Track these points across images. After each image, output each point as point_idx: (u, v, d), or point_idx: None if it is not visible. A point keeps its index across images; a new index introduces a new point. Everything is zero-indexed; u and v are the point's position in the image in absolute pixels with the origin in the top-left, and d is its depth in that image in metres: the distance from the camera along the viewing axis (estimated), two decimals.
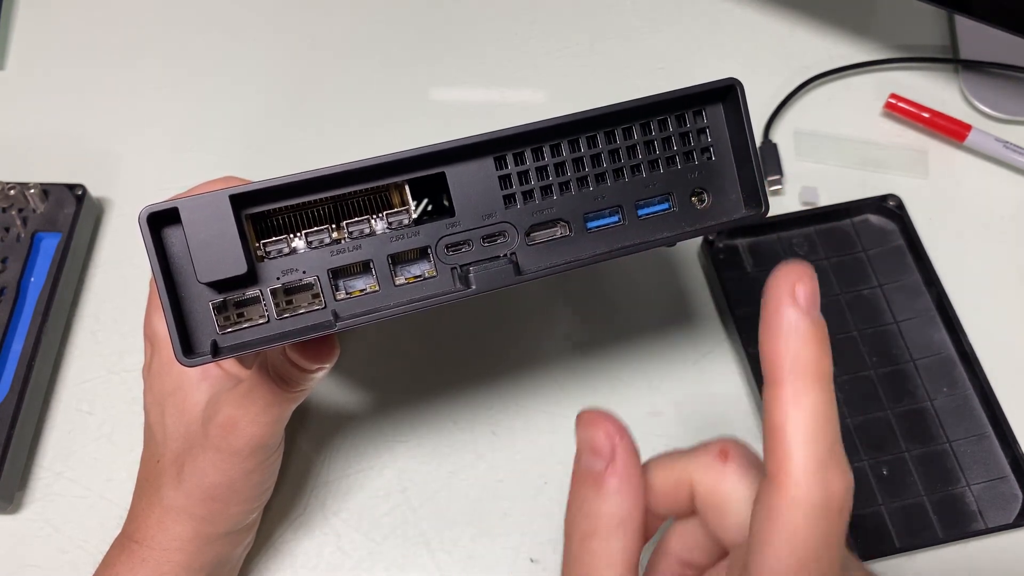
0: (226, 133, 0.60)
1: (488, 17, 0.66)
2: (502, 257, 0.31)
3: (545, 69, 0.63)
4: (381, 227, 0.30)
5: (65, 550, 0.46)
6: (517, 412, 0.50)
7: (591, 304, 0.54)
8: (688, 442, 0.49)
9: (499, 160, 0.31)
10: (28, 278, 0.52)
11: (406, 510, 0.48)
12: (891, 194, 0.55)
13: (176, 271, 0.29)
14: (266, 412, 0.37)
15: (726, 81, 0.31)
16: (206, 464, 0.38)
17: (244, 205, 0.29)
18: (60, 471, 0.49)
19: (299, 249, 0.30)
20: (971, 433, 0.49)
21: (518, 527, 0.47)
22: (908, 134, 0.60)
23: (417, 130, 0.60)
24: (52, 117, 0.61)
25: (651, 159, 0.32)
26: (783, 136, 0.60)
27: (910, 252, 0.54)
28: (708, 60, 0.63)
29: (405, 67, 0.63)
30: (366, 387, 0.51)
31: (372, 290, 0.30)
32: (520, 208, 0.31)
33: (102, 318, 0.53)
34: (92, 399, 0.51)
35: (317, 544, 0.47)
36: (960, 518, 0.46)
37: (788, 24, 0.65)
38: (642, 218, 0.32)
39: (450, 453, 0.49)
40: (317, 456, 0.49)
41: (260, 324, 0.30)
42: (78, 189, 0.54)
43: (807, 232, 0.55)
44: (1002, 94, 0.61)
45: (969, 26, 0.63)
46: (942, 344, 0.51)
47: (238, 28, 0.65)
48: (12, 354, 0.49)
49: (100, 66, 0.63)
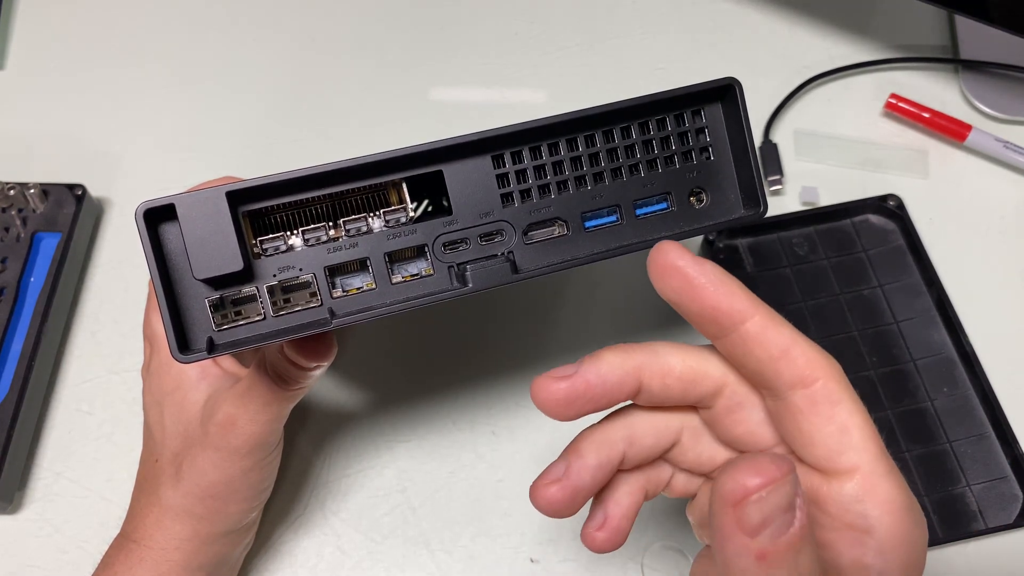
0: (226, 133, 0.60)
1: (488, 17, 0.66)
2: (499, 256, 0.31)
3: (545, 69, 0.63)
4: (378, 225, 0.30)
5: (65, 550, 0.46)
6: (517, 412, 0.50)
7: (590, 303, 0.54)
8: None
9: (497, 158, 0.31)
10: (28, 278, 0.52)
11: (406, 510, 0.48)
12: (891, 194, 0.55)
13: (173, 268, 0.29)
14: (265, 410, 0.37)
15: (724, 81, 0.31)
16: (205, 463, 0.38)
17: (241, 202, 0.29)
18: (60, 471, 0.49)
19: (296, 247, 0.30)
20: (971, 433, 0.48)
21: (518, 527, 0.47)
22: (908, 134, 0.60)
23: (417, 130, 0.60)
24: (52, 117, 0.61)
25: (649, 159, 0.32)
26: (783, 136, 0.60)
27: (910, 252, 0.54)
28: (708, 60, 0.63)
29: (405, 67, 0.63)
30: (366, 387, 0.51)
31: (369, 288, 0.30)
32: (518, 207, 0.31)
33: (102, 318, 0.53)
34: (92, 399, 0.51)
35: (317, 544, 0.47)
36: (960, 518, 0.46)
37: (788, 24, 0.65)
38: (640, 218, 0.32)
39: (450, 453, 0.49)
40: (317, 456, 0.49)
41: (257, 321, 0.30)
42: (78, 189, 0.54)
43: (807, 232, 0.55)
44: (1002, 94, 0.61)
45: (969, 26, 0.63)
46: (942, 344, 0.51)
47: (238, 28, 0.65)
48: (12, 354, 0.49)
49: (100, 66, 0.63)
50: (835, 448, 0.24)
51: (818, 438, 0.25)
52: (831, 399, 0.24)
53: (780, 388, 0.25)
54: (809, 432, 0.25)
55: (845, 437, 0.24)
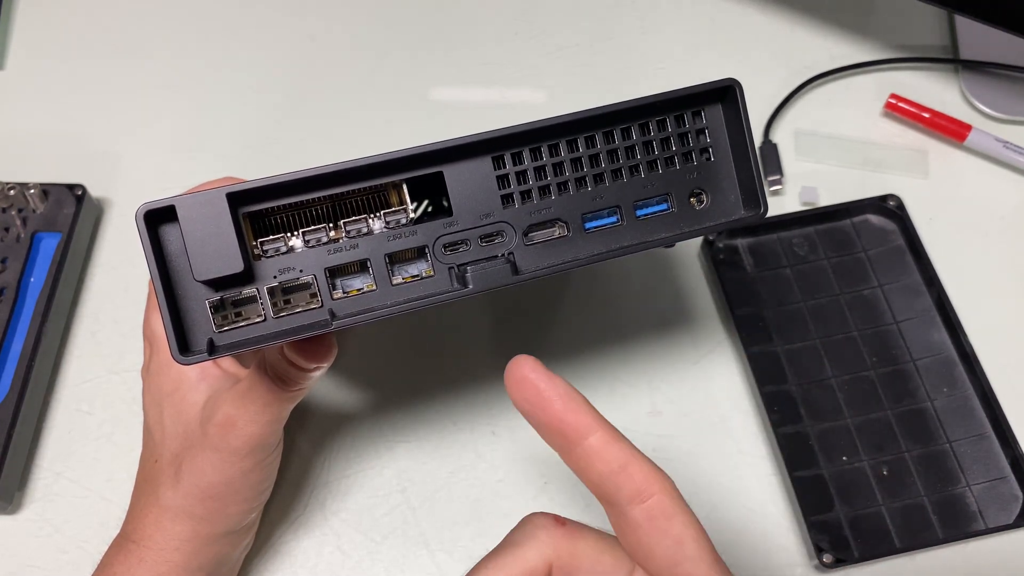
0: (226, 133, 0.60)
1: (488, 17, 0.66)
2: (500, 257, 0.31)
3: (545, 69, 0.63)
4: (379, 226, 0.30)
5: (65, 550, 0.46)
6: (517, 412, 0.50)
7: (591, 304, 0.54)
8: (688, 442, 0.49)
9: (497, 160, 0.31)
10: (28, 278, 0.52)
11: (406, 510, 0.48)
12: (891, 194, 0.55)
13: (173, 269, 0.29)
14: (264, 411, 0.37)
15: (725, 81, 0.31)
16: (204, 464, 0.38)
17: (241, 203, 0.29)
18: (60, 471, 0.49)
19: (296, 248, 0.30)
20: (971, 433, 0.48)
21: None
22: (908, 134, 0.60)
23: (417, 130, 0.60)
24: (52, 117, 0.61)
25: (650, 160, 0.32)
26: (783, 136, 0.60)
27: (910, 252, 0.54)
28: (708, 60, 0.63)
29: (405, 67, 0.63)
30: (366, 387, 0.51)
31: (369, 289, 0.30)
32: (518, 208, 0.31)
33: (102, 318, 0.53)
34: (92, 399, 0.51)
35: (317, 544, 0.47)
36: (960, 518, 0.46)
37: (788, 24, 0.65)
38: (640, 219, 0.32)
39: (450, 453, 0.49)
40: (317, 456, 0.49)
41: (257, 323, 0.30)
42: (78, 189, 0.54)
43: (807, 232, 0.55)
44: (1002, 94, 0.61)
45: (969, 26, 0.63)
46: (942, 344, 0.51)
47: (238, 28, 0.65)
48: (12, 354, 0.49)
49: (100, 66, 0.63)
50: (672, 559, 0.26)
51: (657, 551, 0.26)
52: (666, 513, 0.26)
53: (620, 502, 0.27)
54: (648, 545, 0.26)
55: (680, 548, 0.26)
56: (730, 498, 0.48)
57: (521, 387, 0.27)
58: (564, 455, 0.28)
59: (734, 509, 0.47)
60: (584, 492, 0.48)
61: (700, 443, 0.49)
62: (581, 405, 0.27)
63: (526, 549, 0.29)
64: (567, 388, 0.27)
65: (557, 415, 0.27)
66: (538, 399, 0.27)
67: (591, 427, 0.27)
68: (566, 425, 0.27)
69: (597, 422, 0.27)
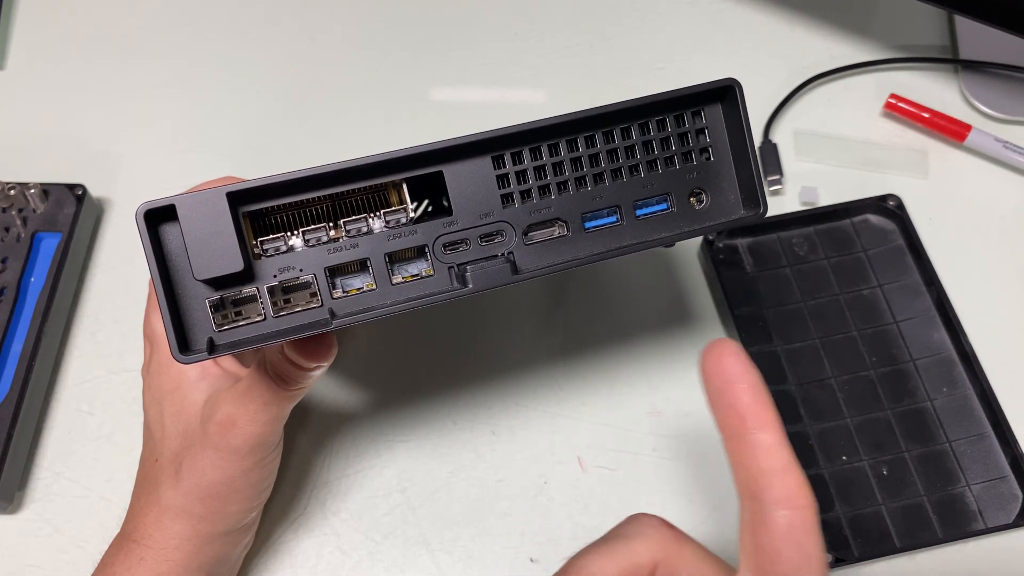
0: (226, 133, 0.60)
1: (488, 17, 0.66)
2: (499, 256, 0.31)
3: (545, 69, 0.63)
4: (379, 226, 0.30)
5: (65, 550, 0.46)
6: (517, 412, 0.50)
7: (591, 304, 0.54)
8: (688, 442, 0.49)
9: (497, 159, 0.31)
10: (28, 278, 0.52)
11: (406, 510, 0.48)
12: (891, 194, 0.55)
13: (173, 268, 0.29)
14: (265, 410, 0.37)
15: (725, 81, 0.31)
16: (204, 463, 0.38)
17: (241, 203, 0.29)
18: (60, 471, 0.49)
19: (296, 247, 0.30)
20: (971, 433, 0.48)
21: (518, 527, 0.47)
22: (908, 134, 0.60)
23: (417, 130, 0.60)
24: (52, 117, 0.61)
25: (649, 159, 0.32)
26: (783, 136, 0.60)
27: (910, 252, 0.54)
28: (708, 60, 0.63)
29: (405, 67, 0.63)
30: (366, 387, 0.51)
31: (369, 288, 0.31)
32: (518, 208, 0.31)
33: (102, 318, 0.53)
34: (92, 399, 0.51)
35: (317, 544, 0.47)
36: (960, 518, 0.46)
37: (788, 24, 0.65)
38: (640, 218, 0.32)
39: (450, 453, 0.49)
40: (317, 456, 0.49)
41: (257, 322, 0.30)
42: (78, 189, 0.54)
43: (807, 232, 0.55)
44: (1002, 94, 0.61)
45: (969, 26, 0.63)
46: (942, 344, 0.51)
47: (238, 28, 0.65)
48: (12, 354, 0.49)
49: (100, 66, 0.63)
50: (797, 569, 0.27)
51: (784, 555, 0.27)
52: (807, 528, 0.27)
53: (767, 500, 0.27)
54: (777, 548, 0.27)
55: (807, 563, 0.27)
56: (730, 498, 0.48)
57: (720, 365, 0.28)
58: (731, 439, 0.28)
59: (734, 509, 0.47)
60: (583, 493, 0.48)
61: (700, 443, 0.49)
62: (768, 400, 0.28)
63: (637, 544, 0.30)
64: (760, 380, 0.28)
65: (746, 401, 0.28)
66: (734, 382, 0.28)
67: (769, 423, 0.27)
68: (750, 413, 0.28)
69: (776, 421, 0.28)
